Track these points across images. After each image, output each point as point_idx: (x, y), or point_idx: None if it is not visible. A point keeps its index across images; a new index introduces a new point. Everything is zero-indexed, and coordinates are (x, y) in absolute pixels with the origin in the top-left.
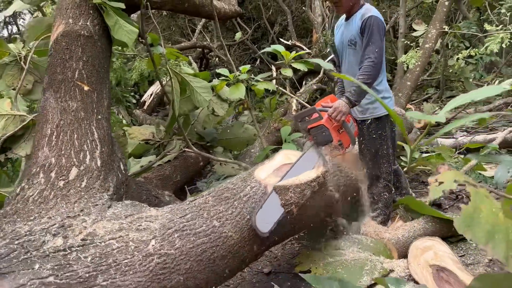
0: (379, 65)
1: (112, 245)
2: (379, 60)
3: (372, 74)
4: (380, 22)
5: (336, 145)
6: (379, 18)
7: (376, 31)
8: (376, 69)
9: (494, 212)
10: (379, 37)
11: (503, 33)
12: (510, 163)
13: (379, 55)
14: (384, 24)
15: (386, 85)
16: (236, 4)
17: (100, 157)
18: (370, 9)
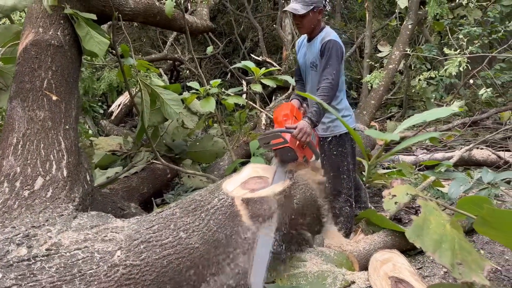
0: (335, 86)
1: (77, 256)
2: (336, 81)
3: (330, 94)
4: (338, 46)
5: (301, 162)
6: (338, 42)
7: (334, 54)
8: (333, 90)
9: (442, 223)
10: (336, 60)
11: (460, 57)
12: (462, 180)
13: (336, 76)
14: (342, 47)
15: (346, 103)
16: (208, 19)
17: (66, 167)
18: (329, 33)
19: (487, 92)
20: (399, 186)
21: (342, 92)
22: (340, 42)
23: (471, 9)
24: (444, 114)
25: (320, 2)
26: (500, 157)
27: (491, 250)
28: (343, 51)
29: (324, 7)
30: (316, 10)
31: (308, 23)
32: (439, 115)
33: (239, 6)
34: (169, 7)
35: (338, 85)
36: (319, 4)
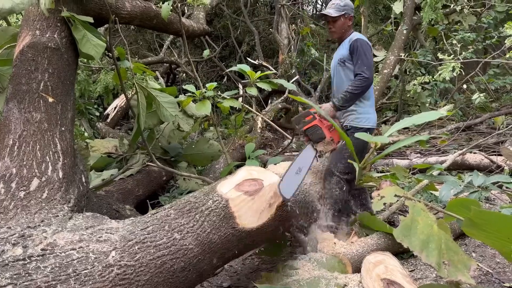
0: (368, 80)
1: (72, 256)
2: (369, 75)
3: (361, 86)
4: (366, 44)
5: (329, 141)
6: (365, 40)
7: (364, 51)
8: (366, 83)
9: (429, 224)
10: (365, 56)
11: (454, 62)
12: (453, 183)
13: (369, 71)
14: (369, 45)
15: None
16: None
17: (62, 169)
18: (356, 34)
19: (481, 97)
20: (388, 187)
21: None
22: (367, 40)
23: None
24: (432, 118)
25: (350, 11)
26: (492, 161)
27: (482, 253)
28: (371, 48)
29: (353, 16)
30: (347, 16)
31: (339, 27)
32: (428, 119)
33: (235, 10)
34: (166, 11)
35: (371, 79)
36: (350, 12)
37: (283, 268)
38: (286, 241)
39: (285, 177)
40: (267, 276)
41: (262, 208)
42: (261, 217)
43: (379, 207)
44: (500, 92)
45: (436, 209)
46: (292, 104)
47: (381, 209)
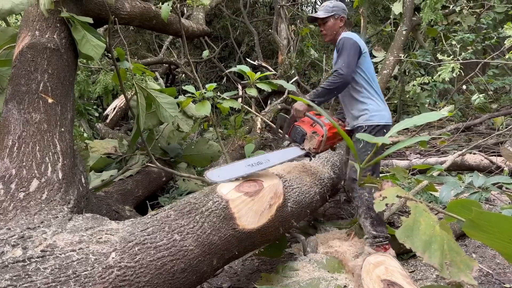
0: (345, 77)
1: (72, 257)
2: (345, 72)
3: (335, 82)
4: (349, 41)
5: (311, 135)
6: (348, 38)
7: (345, 48)
8: (340, 80)
9: (431, 224)
10: (346, 53)
11: (454, 63)
12: (453, 184)
13: (346, 68)
14: (354, 42)
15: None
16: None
17: (61, 170)
18: (344, 34)
19: (480, 98)
20: (390, 188)
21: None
22: (354, 38)
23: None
24: (433, 119)
25: (341, 11)
26: (492, 162)
27: (482, 254)
28: (357, 46)
29: (345, 17)
30: (337, 17)
31: (330, 29)
32: (429, 119)
33: (235, 11)
34: (166, 12)
35: (348, 77)
36: (340, 13)
37: (283, 269)
38: (286, 242)
39: (229, 165)
40: (267, 277)
41: (262, 209)
42: (261, 218)
43: (381, 208)
44: (499, 93)
45: (437, 210)
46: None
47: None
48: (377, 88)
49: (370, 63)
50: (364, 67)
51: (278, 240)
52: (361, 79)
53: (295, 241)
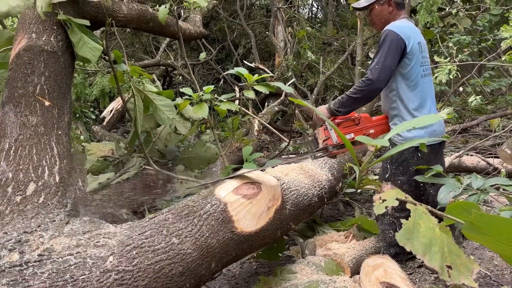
0: (372, 84)
1: (70, 261)
2: (374, 77)
3: (361, 89)
4: (392, 37)
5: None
6: (394, 33)
7: (383, 46)
8: (367, 86)
9: (431, 227)
10: (383, 53)
11: (450, 65)
12: (452, 186)
13: (377, 72)
14: (398, 38)
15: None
16: (201, 26)
17: (58, 173)
18: (392, 24)
19: (477, 100)
20: (389, 190)
21: (403, 98)
22: (401, 31)
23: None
24: (432, 121)
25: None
26: (489, 164)
27: (480, 255)
28: (401, 44)
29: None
30: (383, 1)
31: (377, 17)
32: (428, 122)
33: (232, 13)
34: (163, 14)
35: (377, 83)
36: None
37: (281, 272)
38: (284, 245)
39: None
40: (265, 280)
41: (261, 212)
42: (259, 220)
43: (381, 211)
44: (495, 95)
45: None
46: (289, 107)
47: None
48: (421, 98)
49: (415, 67)
50: (407, 72)
51: (276, 243)
52: (399, 85)
53: (293, 243)
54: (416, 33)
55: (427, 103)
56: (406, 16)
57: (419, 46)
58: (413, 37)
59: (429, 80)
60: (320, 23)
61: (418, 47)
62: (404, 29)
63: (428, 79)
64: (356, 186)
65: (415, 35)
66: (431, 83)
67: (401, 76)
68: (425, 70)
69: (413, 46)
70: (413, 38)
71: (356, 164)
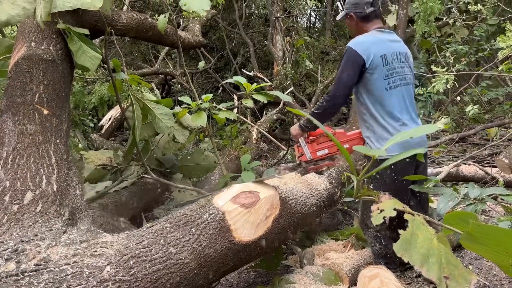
0: (333, 99)
1: (66, 271)
2: (334, 93)
3: (322, 106)
4: (349, 54)
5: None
6: (351, 49)
7: (343, 63)
8: (328, 102)
9: (429, 237)
10: (340, 69)
11: (448, 74)
12: (450, 195)
13: (334, 87)
14: (354, 54)
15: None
16: (200, 35)
17: (56, 182)
18: (353, 40)
19: (474, 109)
20: (387, 201)
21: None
22: (356, 48)
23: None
24: (430, 131)
25: (352, 7)
26: (487, 173)
27: (479, 265)
28: (357, 59)
29: (361, 13)
30: (349, 16)
31: (350, 29)
32: (425, 132)
33: (231, 22)
34: (162, 23)
35: (335, 98)
36: (350, 10)
37: (279, 282)
38: (282, 254)
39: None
40: None
41: (259, 221)
42: (257, 230)
43: (379, 221)
44: (493, 104)
45: (433, 222)
46: (287, 115)
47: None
48: (388, 110)
49: (378, 81)
50: (370, 86)
51: (274, 252)
52: (366, 99)
53: (291, 253)
54: (382, 46)
55: (395, 114)
56: (379, 26)
57: (383, 59)
58: (375, 51)
59: (398, 92)
60: (318, 33)
61: (382, 60)
62: (364, 44)
63: (395, 91)
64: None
65: (379, 48)
66: (403, 93)
67: (366, 90)
68: (392, 82)
69: (373, 60)
70: (375, 52)
71: (354, 173)
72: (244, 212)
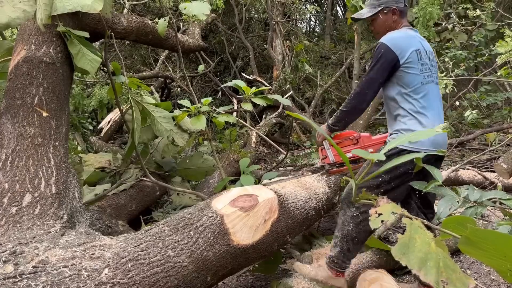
0: (360, 97)
1: (64, 273)
2: (361, 90)
3: (349, 103)
4: (382, 50)
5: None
6: (385, 45)
7: (375, 59)
8: (355, 99)
9: (427, 241)
10: (371, 66)
11: (447, 79)
12: (451, 199)
13: (363, 85)
14: (387, 50)
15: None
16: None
17: (55, 184)
18: (387, 36)
19: (473, 114)
20: (385, 205)
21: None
22: (391, 44)
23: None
24: (428, 136)
25: (392, 1)
26: (486, 178)
27: (477, 270)
28: (390, 56)
29: (401, 6)
30: (387, 10)
31: (380, 27)
32: (424, 137)
33: (230, 26)
34: (162, 27)
35: (364, 96)
36: (390, 4)
37: (277, 285)
38: (281, 258)
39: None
40: None
41: (257, 225)
42: (256, 233)
43: (377, 225)
44: (491, 109)
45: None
46: (286, 119)
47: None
48: (425, 103)
49: (414, 76)
50: (405, 80)
51: (273, 256)
52: (399, 94)
53: (290, 256)
54: (414, 41)
55: (429, 109)
56: (408, 24)
57: (417, 54)
58: (409, 46)
59: (431, 88)
60: (318, 37)
61: (416, 54)
62: (398, 40)
63: (429, 87)
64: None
65: (413, 43)
66: (434, 90)
67: (401, 85)
68: (426, 77)
69: (409, 55)
70: (410, 47)
71: (353, 177)
72: (243, 216)
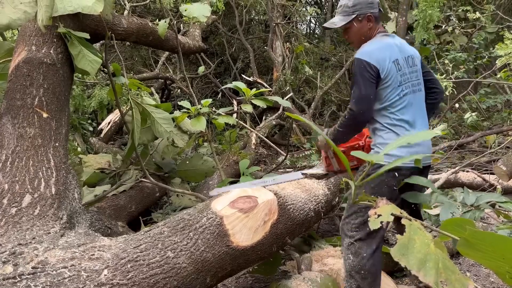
0: (354, 116)
1: (64, 274)
2: (356, 109)
3: (347, 123)
4: (362, 66)
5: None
6: (363, 61)
7: (358, 77)
8: (349, 119)
9: (426, 242)
10: (358, 84)
11: (446, 81)
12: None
13: (357, 104)
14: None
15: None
16: (200, 40)
17: (55, 185)
18: (361, 50)
19: (473, 116)
20: (385, 206)
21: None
22: (369, 58)
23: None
24: (427, 137)
25: (367, 7)
26: (485, 180)
27: (477, 272)
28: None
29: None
30: (361, 18)
31: (354, 36)
32: (423, 138)
33: (231, 28)
34: (163, 28)
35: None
36: (365, 11)
37: (277, 287)
38: (280, 259)
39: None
40: None
41: (257, 226)
42: (255, 235)
43: (376, 226)
44: (491, 111)
45: (431, 228)
46: (286, 121)
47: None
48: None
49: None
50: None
51: (272, 258)
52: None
53: (289, 258)
54: (392, 51)
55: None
56: (383, 29)
57: (395, 65)
58: (386, 58)
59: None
60: (318, 39)
61: (395, 66)
62: (374, 53)
63: (409, 97)
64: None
65: (390, 54)
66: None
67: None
68: (405, 89)
69: (387, 68)
70: (387, 58)
71: (352, 179)
72: (242, 217)
